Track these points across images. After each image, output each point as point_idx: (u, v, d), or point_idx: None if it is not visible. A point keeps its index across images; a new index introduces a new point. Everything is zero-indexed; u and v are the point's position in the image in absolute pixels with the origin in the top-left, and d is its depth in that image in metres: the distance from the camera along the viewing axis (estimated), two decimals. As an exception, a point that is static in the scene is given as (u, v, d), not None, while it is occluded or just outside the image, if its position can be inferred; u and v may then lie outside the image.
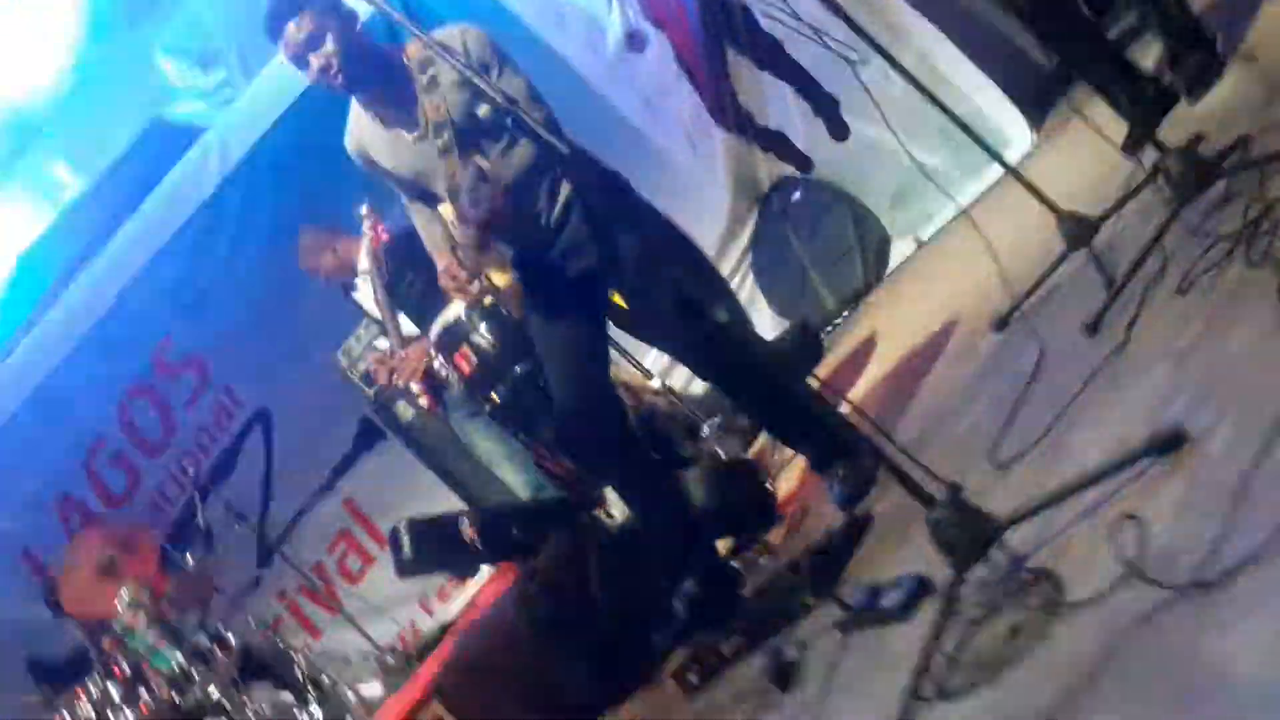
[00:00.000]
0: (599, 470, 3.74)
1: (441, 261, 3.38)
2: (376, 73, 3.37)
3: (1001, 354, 3.25)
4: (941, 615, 2.03)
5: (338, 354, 6.01)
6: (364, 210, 4.54)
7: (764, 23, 6.22)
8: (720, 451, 4.32)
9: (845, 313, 6.11)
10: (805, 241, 6.31)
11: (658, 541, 3.57)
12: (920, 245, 5.99)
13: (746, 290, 6.50)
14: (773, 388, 3.51)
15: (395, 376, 5.16)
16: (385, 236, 4.60)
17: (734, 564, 3.52)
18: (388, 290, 4.83)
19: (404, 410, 5.77)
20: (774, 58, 6.29)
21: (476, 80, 2.84)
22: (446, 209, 3.36)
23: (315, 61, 3.31)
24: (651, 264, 3.42)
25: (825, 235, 6.28)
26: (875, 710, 2.11)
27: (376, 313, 5.54)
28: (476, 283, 3.30)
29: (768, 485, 3.95)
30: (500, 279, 3.38)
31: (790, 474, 4.21)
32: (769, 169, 6.51)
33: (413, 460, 6.33)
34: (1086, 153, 3.91)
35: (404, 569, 3.99)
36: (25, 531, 7.24)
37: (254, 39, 7.84)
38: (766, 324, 6.33)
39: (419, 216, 3.52)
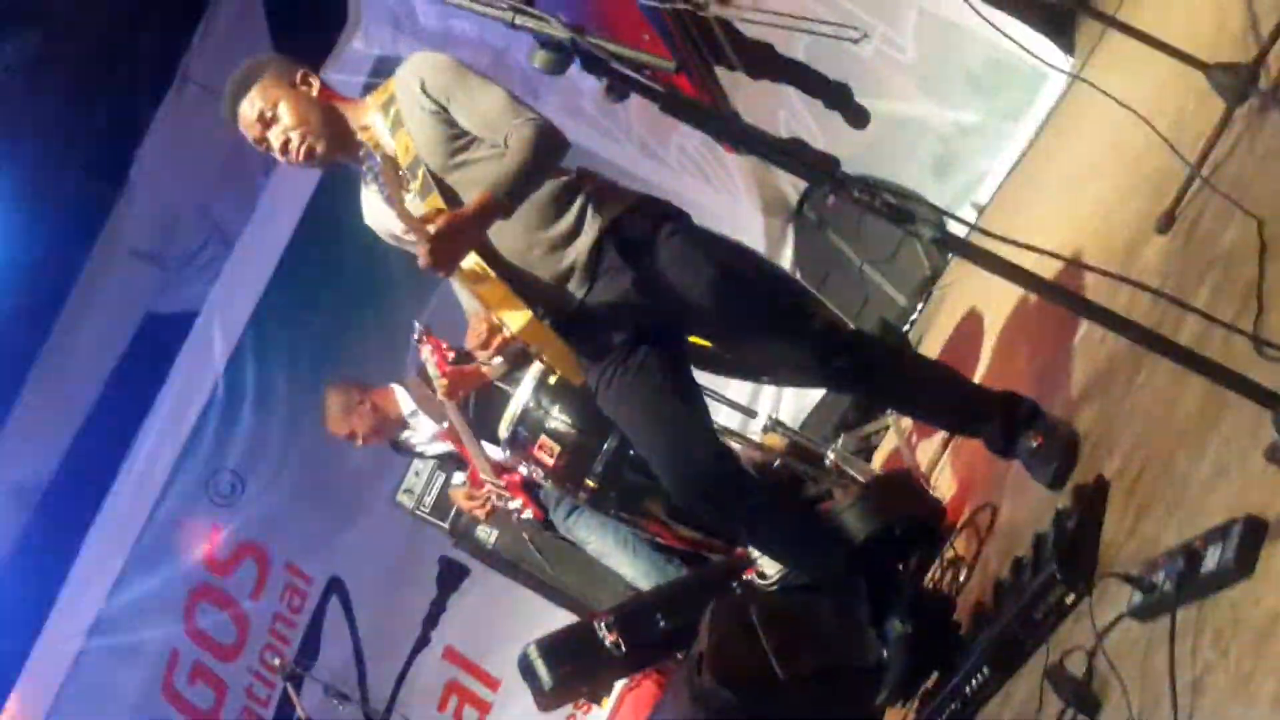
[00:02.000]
0: (733, 528, 3.20)
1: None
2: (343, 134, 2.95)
3: (1177, 253, 2.73)
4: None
5: (399, 496, 5.51)
6: (418, 328, 4.07)
7: (747, 31, 5.82)
8: (854, 474, 3.79)
9: (920, 305, 5.61)
10: (853, 243, 5.81)
11: (830, 588, 3.03)
12: (981, 210, 5.51)
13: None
14: (912, 370, 3.01)
15: (499, 502, 4.63)
16: (450, 354, 4.13)
17: (932, 590, 2.98)
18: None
19: (485, 536, 5.24)
20: (767, 64, 5.87)
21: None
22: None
23: (274, 139, 2.88)
24: (728, 282, 2.93)
25: (874, 230, 5.77)
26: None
27: (437, 449, 5.05)
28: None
29: (928, 493, 3.42)
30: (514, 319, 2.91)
31: (944, 476, 3.69)
32: (793, 181, 6.06)
33: (505, 588, 5.81)
34: (1132, 60, 3.41)
35: (545, 698, 3.45)
36: (120, 777, 6.76)
37: (228, 204, 7.53)
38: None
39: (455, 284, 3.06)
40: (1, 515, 8.71)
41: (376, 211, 3.12)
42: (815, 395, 5.12)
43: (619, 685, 5.19)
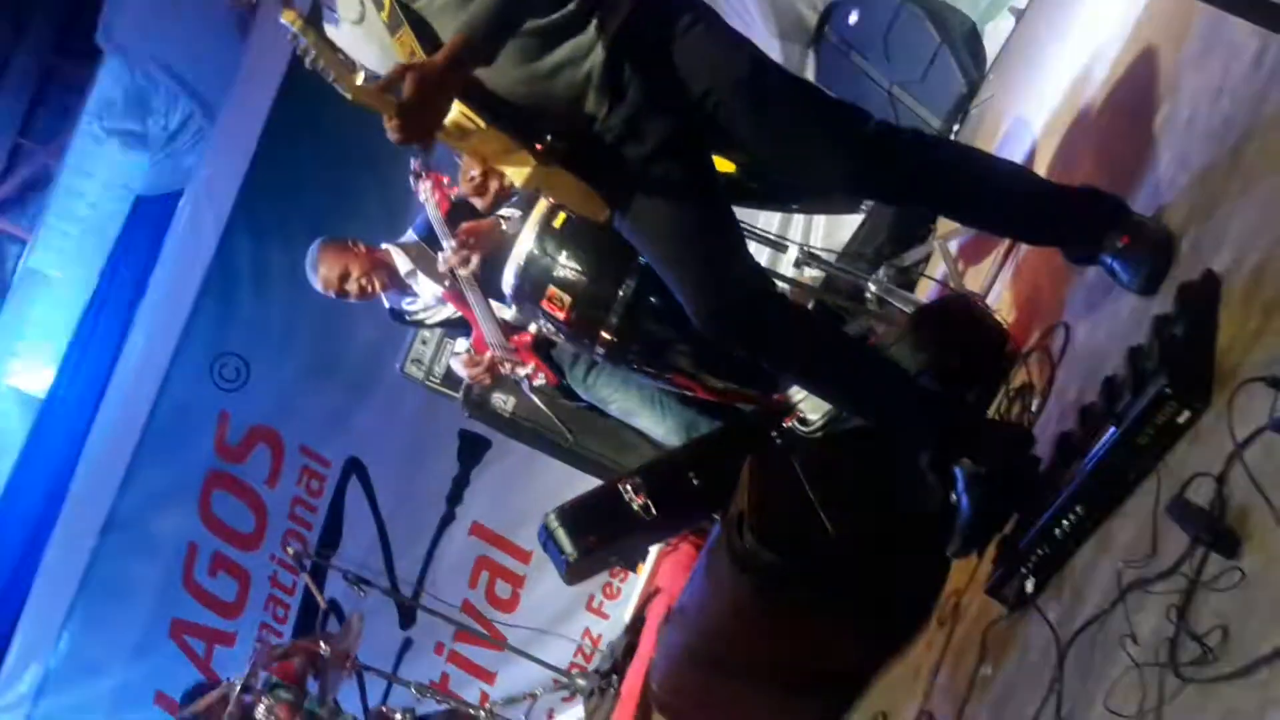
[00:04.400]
0: (774, 365, 2.78)
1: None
2: None
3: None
4: None
5: (408, 367, 5.14)
6: (414, 166, 3.64)
7: None
8: (900, 306, 3.39)
9: (956, 125, 5.14)
10: (881, 64, 5.32)
11: (888, 428, 2.65)
12: (1020, 14, 5.02)
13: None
14: (978, 165, 2.57)
15: (508, 368, 4.26)
16: (453, 193, 3.70)
17: (1004, 422, 2.61)
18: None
19: (502, 404, 4.87)
20: None
21: None
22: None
23: None
24: (760, 69, 2.51)
25: (902, 49, 5.29)
26: None
27: (440, 314, 4.65)
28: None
29: (988, 316, 3.02)
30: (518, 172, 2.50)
31: (1002, 303, 3.28)
32: (810, 0, 5.57)
33: (530, 457, 5.49)
34: None
35: (572, 570, 3.12)
36: (150, 674, 6.56)
37: (208, 71, 7.08)
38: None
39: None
40: (6, 420, 8.52)
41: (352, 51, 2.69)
42: (848, 227, 4.69)
43: (653, 550, 4.89)
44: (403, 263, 4.49)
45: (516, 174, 2.54)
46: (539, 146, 2.55)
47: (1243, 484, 1.64)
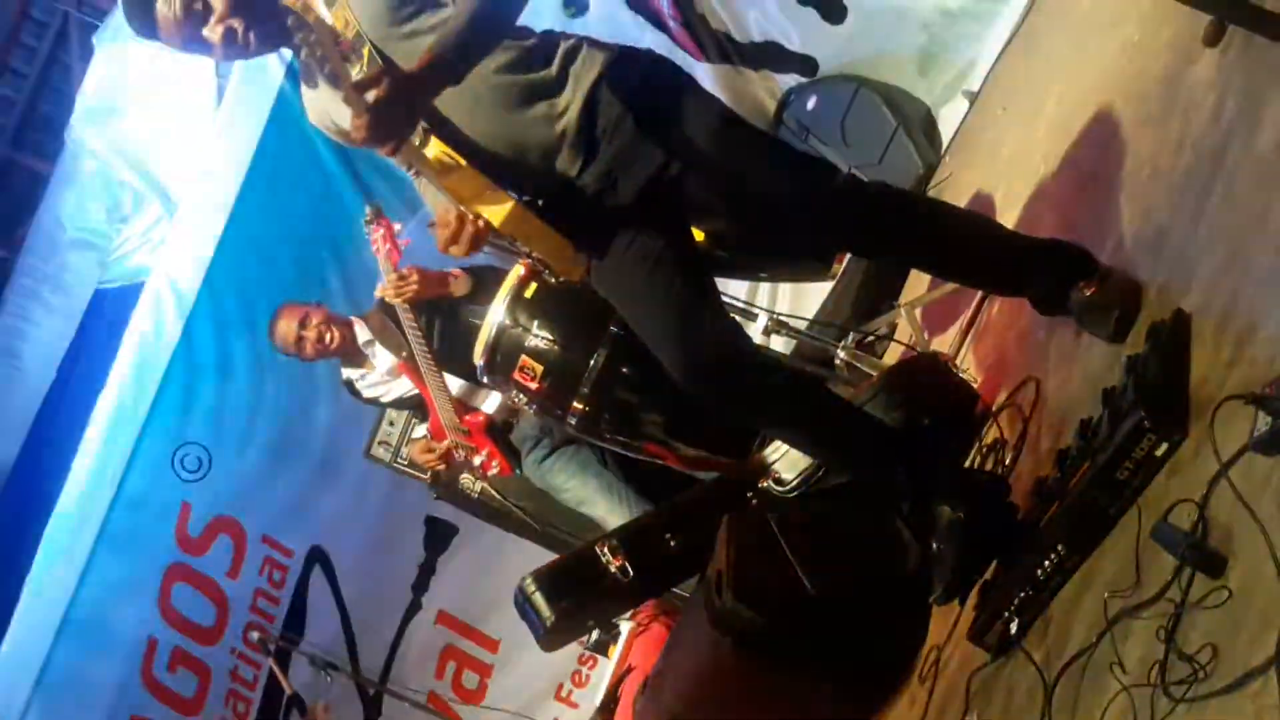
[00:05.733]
0: (750, 416, 2.79)
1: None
2: (276, 13, 2.53)
3: (1236, 59, 2.35)
4: None
5: (374, 449, 5.12)
6: (368, 213, 3.73)
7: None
8: (868, 371, 3.43)
9: (915, 205, 5.24)
10: (839, 148, 5.44)
11: (866, 477, 2.67)
12: (973, 98, 5.16)
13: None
14: (947, 217, 2.61)
15: (462, 455, 4.31)
16: (402, 244, 3.77)
17: (980, 471, 2.63)
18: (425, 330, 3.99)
19: (470, 485, 4.86)
20: (733, -39, 5.49)
21: None
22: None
23: (212, 32, 2.46)
24: (733, 127, 2.57)
25: (859, 133, 5.43)
26: None
27: (395, 391, 4.66)
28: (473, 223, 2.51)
29: (957, 375, 3.06)
30: (495, 212, 2.53)
31: (969, 363, 3.33)
32: (768, 86, 5.69)
33: (497, 544, 5.48)
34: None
35: (549, 635, 3.08)
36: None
37: (171, 166, 7.10)
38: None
39: (419, 185, 2.68)
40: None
41: (321, 107, 2.74)
42: (815, 296, 4.75)
43: (624, 632, 4.85)
44: (362, 332, 4.52)
45: (494, 214, 2.55)
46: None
47: (1225, 507, 1.66)
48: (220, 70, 6.40)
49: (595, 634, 4.84)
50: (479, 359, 3.55)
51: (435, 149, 2.58)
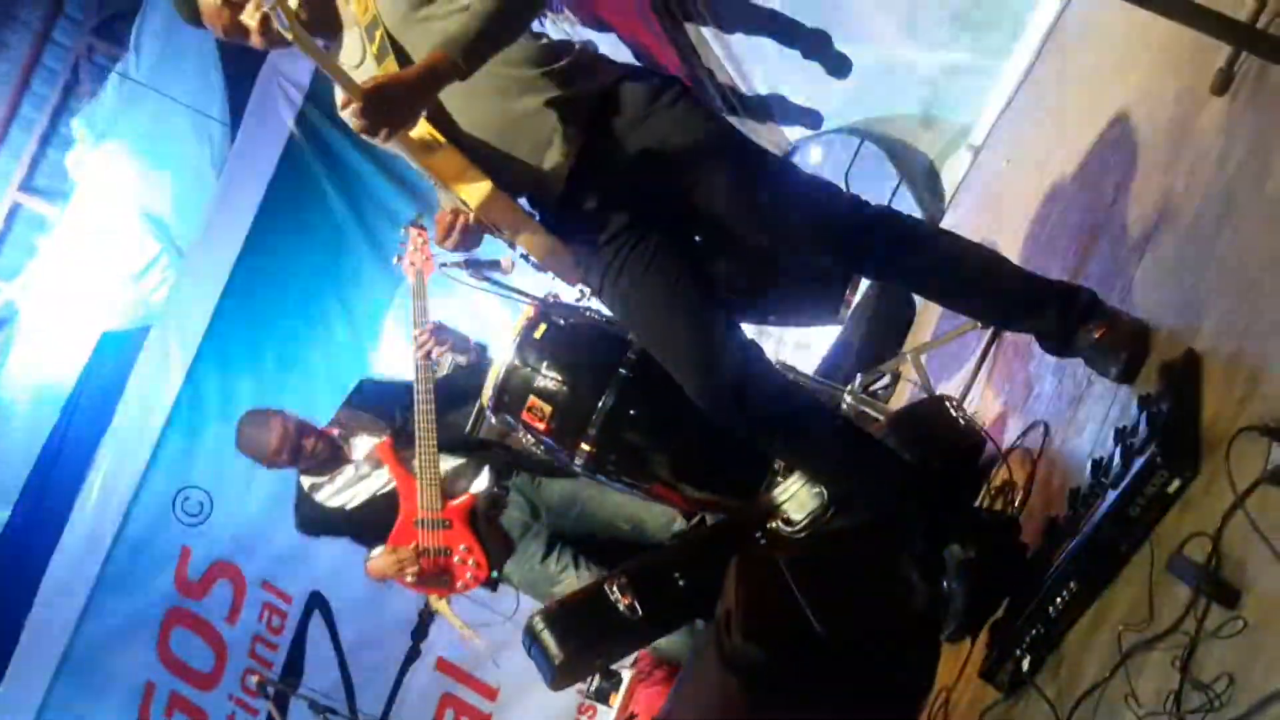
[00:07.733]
0: (767, 440, 2.76)
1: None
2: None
3: (1245, 106, 2.39)
4: None
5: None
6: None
7: (716, -18, 5.52)
8: (874, 415, 3.45)
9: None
10: (843, 199, 5.50)
11: (881, 514, 2.68)
12: (977, 151, 5.22)
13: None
14: (955, 248, 2.58)
15: (432, 559, 4.31)
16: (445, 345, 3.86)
17: (990, 511, 2.64)
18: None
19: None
20: (739, 15, 5.58)
21: None
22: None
23: (250, 18, 2.49)
24: (741, 151, 2.58)
25: (863, 185, 5.47)
26: None
27: (371, 489, 4.53)
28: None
29: (964, 420, 3.08)
30: (472, 193, 2.55)
31: (976, 408, 3.35)
32: (774, 139, 5.77)
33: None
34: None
35: (555, 674, 3.07)
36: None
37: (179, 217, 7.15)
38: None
39: (440, 195, 2.73)
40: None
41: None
42: (821, 344, 4.79)
43: (625, 680, 4.84)
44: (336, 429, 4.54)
45: (471, 194, 2.55)
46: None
47: (1238, 540, 1.68)
48: (224, 119, 6.49)
49: (596, 682, 4.83)
50: (487, 399, 3.57)
51: (421, 128, 2.58)
